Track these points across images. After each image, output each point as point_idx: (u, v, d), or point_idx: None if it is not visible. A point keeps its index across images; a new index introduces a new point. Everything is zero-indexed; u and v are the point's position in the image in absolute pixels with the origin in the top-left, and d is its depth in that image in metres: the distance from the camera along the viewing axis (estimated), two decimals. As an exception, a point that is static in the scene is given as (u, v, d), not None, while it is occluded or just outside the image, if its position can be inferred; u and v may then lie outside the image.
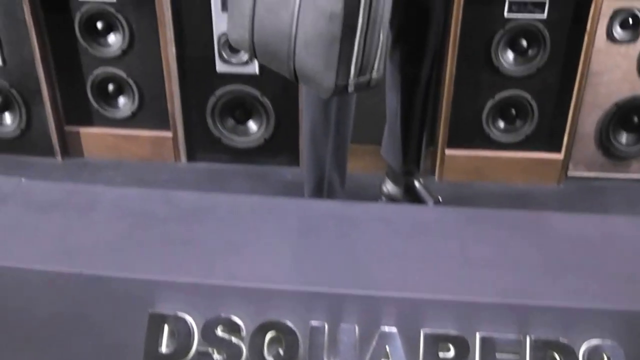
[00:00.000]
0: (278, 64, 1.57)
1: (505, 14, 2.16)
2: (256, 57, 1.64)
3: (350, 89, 1.44)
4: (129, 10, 2.29)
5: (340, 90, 1.44)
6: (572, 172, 2.42)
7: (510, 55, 2.24)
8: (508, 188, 2.40)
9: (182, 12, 2.26)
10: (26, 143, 2.54)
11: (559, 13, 2.16)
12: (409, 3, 1.78)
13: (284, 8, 1.48)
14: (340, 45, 1.40)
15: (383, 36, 1.44)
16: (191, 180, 2.46)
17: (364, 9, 1.38)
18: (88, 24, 2.33)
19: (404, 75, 1.95)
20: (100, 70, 2.40)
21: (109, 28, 2.34)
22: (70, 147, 2.57)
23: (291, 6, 1.46)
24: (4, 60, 2.39)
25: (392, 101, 2.04)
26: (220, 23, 2.22)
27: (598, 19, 2.15)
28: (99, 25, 2.33)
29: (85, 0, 2.28)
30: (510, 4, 2.14)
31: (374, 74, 1.48)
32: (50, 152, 2.54)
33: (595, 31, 2.17)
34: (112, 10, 2.28)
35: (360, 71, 1.44)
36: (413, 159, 2.11)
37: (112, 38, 2.36)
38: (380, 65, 1.48)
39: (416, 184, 2.16)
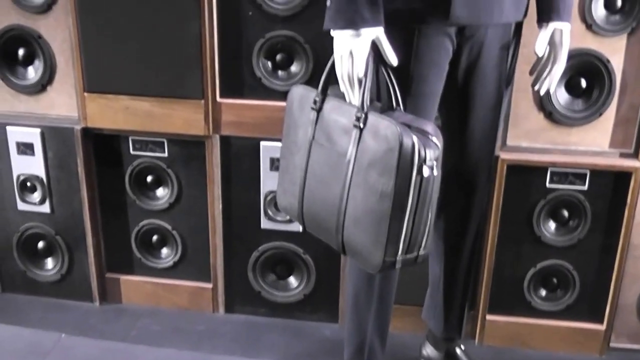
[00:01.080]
0: (326, 235, 1.61)
1: (547, 184, 2.19)
2: (304, 226, 1.68)
3: (398, 265, 1.46)
4: (179, 165, 2.37)
5: (388, 266, 1.46)
6: (614, 344, 2.37)
7: (551, 225, 2.25)
8: (549, 356, 2.37)
9: (231, 169, 2.33)
10: (66, 287, 2.57)
11: (599, 185, 2.19)
12: (453, 175, 1.83)
13: (336, 182, 1.54)
14: (389, 223, 1.44)
15: (432, 215, 1.48)
16: (227, 331, 2.45)
17: (414, 190, 1.43)
18: (138, 177, 2.40)
19: (448, 245, 1.97)
20: (146, 222, 2.46)
21: (158, 182, 2.41)
22: (109, 293, 2.59)
23: (342, 181, 1.52)
24: (52, 209, 2.46)
25: (434, 269, 2.05)
26: (267, 181, 2.28)
27: (638, 193, 2.16)
28: (149, 178, 2.40)
29: (137, 154, 2.37)
30: (552, 174, 2.18)
31: (421, 251, 1.50)
32: (88, 297, 2.56)
33: (636, 204, 2.18)
34: (162, 165, 2.36)
35: (408, 249, 1.47)
36: (454, 325, 2.10)
37: (161, 191, 2.42)
38: (428, 242, 1.51)
39: (457, 350, 2.13)
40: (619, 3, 2.02)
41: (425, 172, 1.41)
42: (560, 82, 2.10)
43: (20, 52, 2.32)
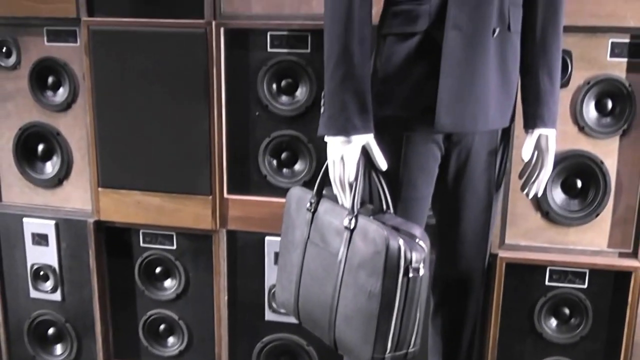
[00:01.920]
0: (320, 331, 1.65)
1: (547, 282, 2.22)
2: (300, 321, 1.73)
3: (387, 362, 1.49)
4: (187, 258, 2.44)
5: (377, 363, 1.50)
6: None
7: (553, 322, 2.26)
8: None
9: (237, 262, 2.39)
10: (74, 373, 2.62)
11: (599, 284, 2.21)
12: (447, 276, 1.87)
13: (328, 281, 1.60)
14: (377, 322, 1.49)
15: (420, 314, 1.52)
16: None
17: (401, 291, 1.48)
18: (147, 269, 2.47)
19: (445, 341, 1.99)
20: (154, 312, 2.51)
21: (167, 273, 2.48)
22: (115, 379, 2.63)
23: (334, 280, 1.58)
24: (63, 297, 2.53)
25: (434, 364, 2.06)
26: (271, 275, 2.34)
27: (639, 292, 2.18)
28: (158, 270, 2.47)
29: (147, 247, 2.45)
30: (551, 273, 2.20)
31: (411, 349, 1.54)
32: (95, 382, 2.60)
33: (637, 303, 2.19)
34: (171, 257, 2.43)
35: (397, 346, 1.51)
36: None
37: (169, 282, 2.48)
38: (417, 340, 1.55)
39: None
40: (610, 106, 2.10)
41: (412, 273, 1.46)
42: (556, 182, 2.16)
43: (40, 147, 2.46)
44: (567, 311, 2.25)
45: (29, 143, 2.45)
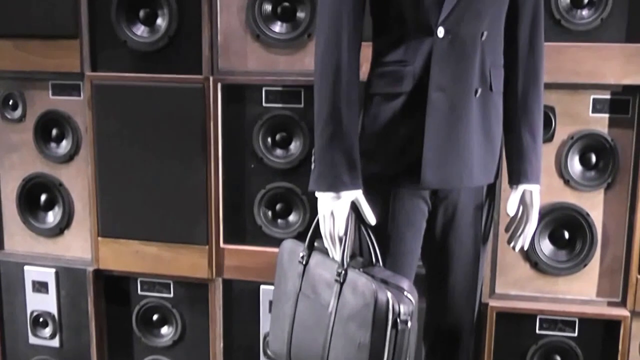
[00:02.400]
0: (313, 379, 1.69)
1: (537, 330, 2.25)
2: (292, 370, 1.77)
3: (378, 413, 1.53)
4: (184, 305, 2.48)
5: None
6: None
7: (544, 370, 2.29)
8: None
9: (233, 310, 2.44)
10: (69, 420, 2.64)
11: (589, 332, 2.25)
12: (437, 326, 1.90)
13: (319, 331, 1.64)
14: (367, 373, 1.52)
15: (409, 365, 1.56)
16: None
17: (390, 342, 1.53)
18: (145, 316, 2.51)
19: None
20: (151, 358, 2.54)
21: (164, 320, 2.52)
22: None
23: (325, 331, 1.62)
24: (61, 343, 2.57)
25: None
26: (266, 323, 2.37)
27: (629, 340, 2.21)
28: (155, 317, 2.51)
29: (144, 294, 2.50)
30: (541, 321, 2.24)
31: (401, 398, 1.57)
32: None
33: (628, 351, 2.22)
34: (168, 304, 2.48)
35: (387, 396, 1.54)
36: None
37: (165, 329, 2.52)
38: (406, 389, 1.58)
39: None
40: (594, 160, 2.16)
41: (400, 326, 1.51)
42: (544, 234, 2.22)
43: (43, 197, 2.53)
44: (558, 359, 2.28)
45: (32, 193, 2.52)
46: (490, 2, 1.58)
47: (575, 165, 2.17)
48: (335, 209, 1.61)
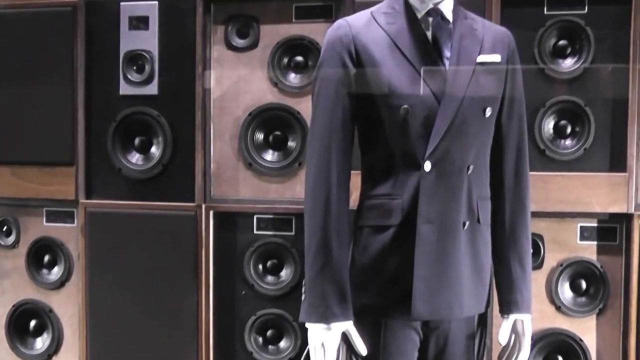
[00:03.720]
0: None
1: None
2: None
3: None
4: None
5: None
6: None
7: None
8: None
9: None
10: None
11: None
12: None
13: None
14: None
15: None
16: None
17: None
18: None
19: None
20: None
21: None
22: None
23: None
24: None
25: None
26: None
27: None
28: None
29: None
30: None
31: None
32: None
33: None
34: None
35: None
36: None
37: None
38: None
39: None
40: (584, 286, 2.17)
41: None
42: (538, 359, 2.19)
43: (32, 323, 2.50)
44: None
45: (22, 319, 2.50)
46: (475, 137, 1.63)
47: (566, 292, 2.18)
48: (325, 340, 1.59)
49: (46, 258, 2.47)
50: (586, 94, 2.14)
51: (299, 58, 2.28)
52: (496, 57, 1.60)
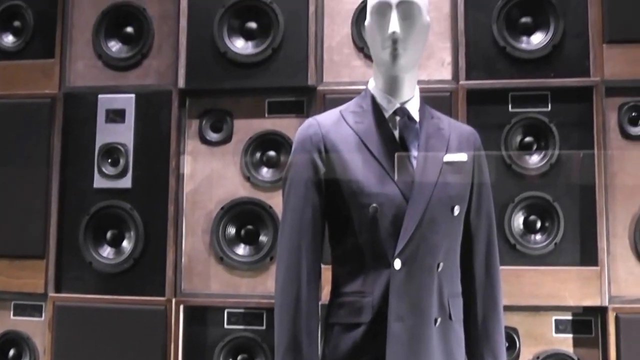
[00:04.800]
0: None
1: None
2: None
3: None
4: None
5: None
6: None
7: None
8: None
9: None
10: None
11: None
12: None
13: None
14: None
15: None
16: None
17: None
18: None
19: None
20: None
21: None
22: None
23: None
24: None
25: None
26: None
27: None
28: None
29: None
30: None
31: None
32: None
33: None
34: None
35: None
36: None
37: None
38: None
39: None
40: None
41: None
42: None
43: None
44: None
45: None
46: (444, 235, 1.63)
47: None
48: None
49: (11, 352, 2.40)
50: (554, 189, 2.18)
51: (272, 153, 2.32)
52: (463, 156, 1.63)
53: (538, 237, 2.18)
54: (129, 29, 2.45)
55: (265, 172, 2.32)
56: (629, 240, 2.18)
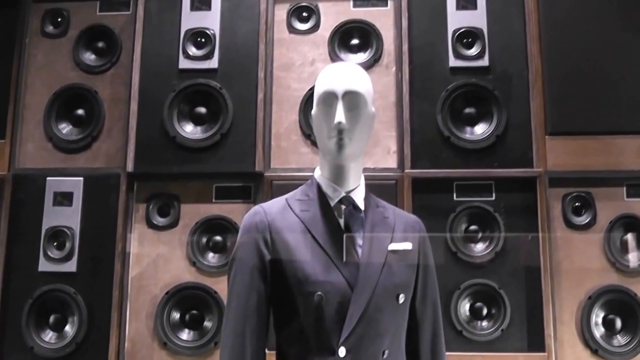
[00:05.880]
0: None
1: None
2: None
3: None
4: None
5: None
6: None
7: None
8: None
9: None
10: None
11: None
12: None
13: None
14: None
15: None
16: None
17: None
18: None
19: None
20: None
21: None
22: None
23: None
24: None
25: None
26: None
27: None
28: None
29: None
30: None
31: None
32: None
33: None
34: None
35: None
36: None
37: None
38: None
39: None
40: None
41: None
42: None
43: None
44: None
45: None
46: (389, 322, 1.62)
47: None
48: None
49: None
50: (500, 276, 2.21)
51: (218, 238, 2.32)
52: (407, 245, 1.65)
53: (484, 323, 2.19)
54: (80, 111, 2.47)
55: (211, 257, 2.31)
56: (576, 326, 2.20)
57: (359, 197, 1.63)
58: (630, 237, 2.27)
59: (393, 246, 1.62)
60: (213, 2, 2.44)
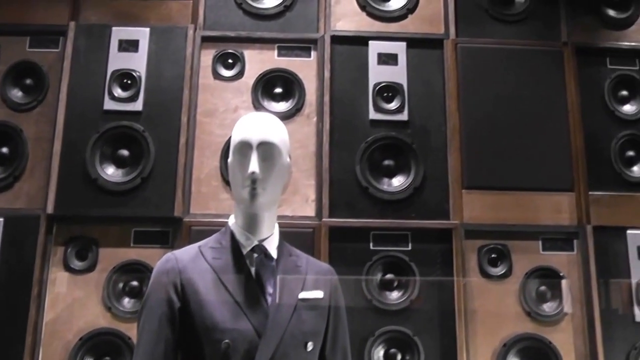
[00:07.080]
0: None
1: None
2: None
3: None
4: None
5: None
6: None
7: None
8: None
9: None
10: None
11: None
12: None
13: None
14: None
15: None
16: None
17: None
18: None
19: None
20: None
21: None
22: None
23: None
24: None
25: None
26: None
27: None
28: None
29: None
30: None
31: None
32: None
33: None
34: None
35: None
36: None
37: None
38: None
39: None
40: None
41: None
42: None
43: None
44: None
45: None
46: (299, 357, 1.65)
47: None
48: None
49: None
50: (414, 324, 2.23)
51: (134, 283, 2.30)
52: (318, 294, 1.67)
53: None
54: (4, 150, 2.44)
55: (127, 302, 2.29)
56: (490, 373, 2.24)
57: (271, 246, 1.66)
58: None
59: (303, 294, 1.65)
60: (141, 43, 2.44)
